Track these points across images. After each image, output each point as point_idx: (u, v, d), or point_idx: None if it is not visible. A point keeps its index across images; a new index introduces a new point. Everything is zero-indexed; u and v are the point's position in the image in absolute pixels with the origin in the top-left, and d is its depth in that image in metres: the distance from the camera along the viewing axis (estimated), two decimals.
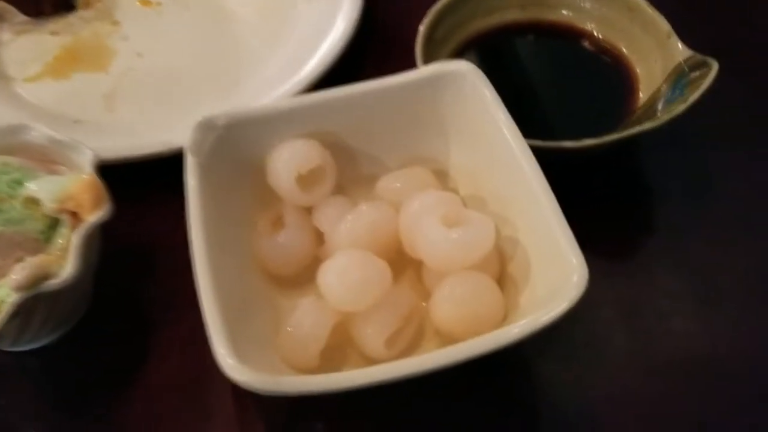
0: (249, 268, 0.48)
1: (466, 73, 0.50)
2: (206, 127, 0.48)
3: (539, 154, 0.46)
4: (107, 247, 0.50)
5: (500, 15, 0.64)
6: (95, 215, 0.46)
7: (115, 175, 0.49)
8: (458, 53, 0.62)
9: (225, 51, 0.70)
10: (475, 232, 0.45)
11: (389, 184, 0.51)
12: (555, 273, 0.42)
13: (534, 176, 0.45)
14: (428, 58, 0.57)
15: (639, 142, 0.59)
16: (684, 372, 0.49)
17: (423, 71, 0.52)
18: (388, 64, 0.67)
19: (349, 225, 0.47)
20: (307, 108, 0.51)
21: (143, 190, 0.58)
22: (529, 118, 0.49)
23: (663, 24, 0.58)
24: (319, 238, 0.49)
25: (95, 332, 0.51)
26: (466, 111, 0.50)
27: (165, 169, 0.52)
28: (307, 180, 0.49)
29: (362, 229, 0.47)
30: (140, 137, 0.61)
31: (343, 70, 0.65)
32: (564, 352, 0.49)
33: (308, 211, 0.50)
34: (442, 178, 0.53)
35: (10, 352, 0.50)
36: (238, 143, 0.49)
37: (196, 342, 0.47)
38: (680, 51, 0.56)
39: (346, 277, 0.44)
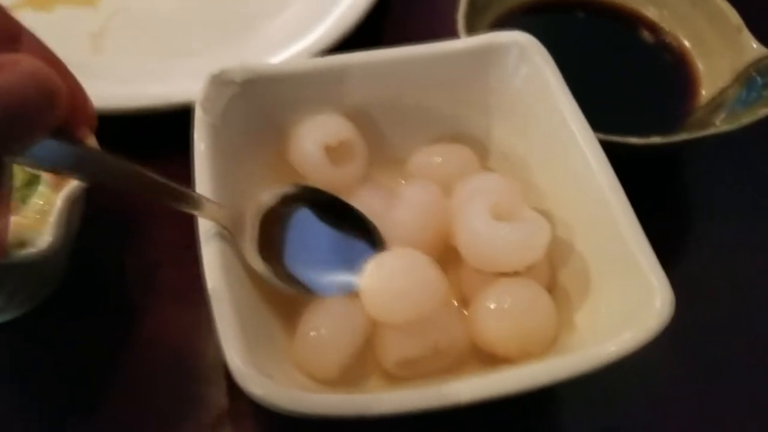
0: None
1: (527, 47, 0.43)
2: (221, 81, 0.41)
3: None
4: (88, 211, 0.43)
5: None
6: None
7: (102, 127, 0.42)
8: (499, 25, 0.55)
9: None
10: (528, 231, 0.38)
11: (427, 159, 0.44)
12: (627, 292, 0.36)
13: (604, 175, 0.39)
14: (468, 27, 0.51)
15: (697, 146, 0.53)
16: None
17: (476, 40, 0.45)
18: (411, 26, 0.61)
19: (402, 214, 0.40)
20: (335, 70, 0.44)
21: (131, 147, 0.50)
22: None
23: (732, 16, 0.52)
24: None
25: (66, 309, 0.45)
26: (521, 90, 0.44)
27: (155, 125, 0.46)
28: (334, 156, 0.42)
29: (415, 218, 0.40)
30: (131, 86, 0.53)
31: (362, 29, 0.57)
32: (602, 391, 0.42)
33: None
34: (482, 159, 0.46)
35: None
36: (255, 104, 0.42)
37: (180, 328, 0.45)
38: (754, 49, 0.50)
39: (397, 282, 0.36)
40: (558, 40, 0.53)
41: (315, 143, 0.41)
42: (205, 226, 0.35)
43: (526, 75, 0.43)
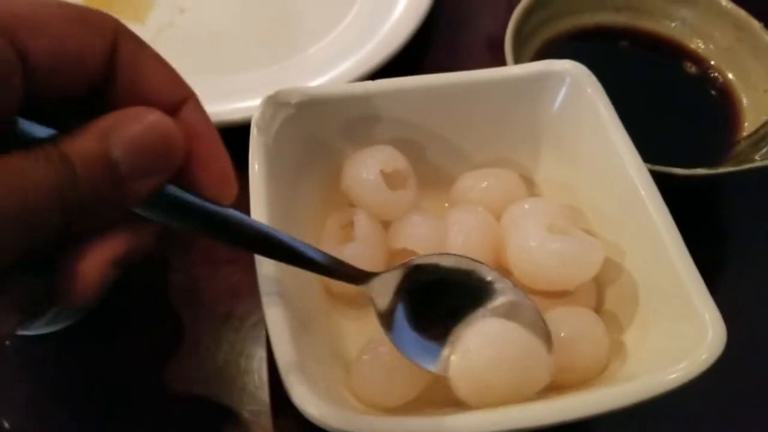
0: (306, 278, 0.40)
1: (579, 76, 0.43)
2: (277, 102, 0.41)
3: None
4: None
5: (591, 15, 0.58)
6: None
7: None
8: (543, 53, 0.56)
9: (280, 18, 0.62)
10: (582, 247, 0.39)
11: (473, 183, 0.45)
12: (677, 323, 0.36)
13: (655, 206, 0.39)
14: (515, 54, 0.51)
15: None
16: None
17: (528, 67, 0.45)
18: (456, 51, 0.62)
19: (455, 239, 0.40)
20: (386, 94, 0.44)
21: None
22: None
23: None
24: (392, 258, 0.42)
25: (109, 321, 0.45)
26: (571, 119, 0.44)
27: None
28: (387, 184, 0.42)
29: (468, 242, 0.40)
30: None
31: (404, 58, 0.58)
32: (638, 423, 0.42)
33: (382, 225, 0.43)
34: (528, 185, 0.46)
35: (16, 337, 0.44)
36: (308, 125, 0.42)
37: (223, 344, 0.45)
38: None
39: (494, 372, 0.34)
40: (602, 69, 0.54)
41: (371, 168, 0.41)
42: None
43: (576, 104, 0.43)
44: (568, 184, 0.45)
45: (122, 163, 0.25)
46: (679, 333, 0.36)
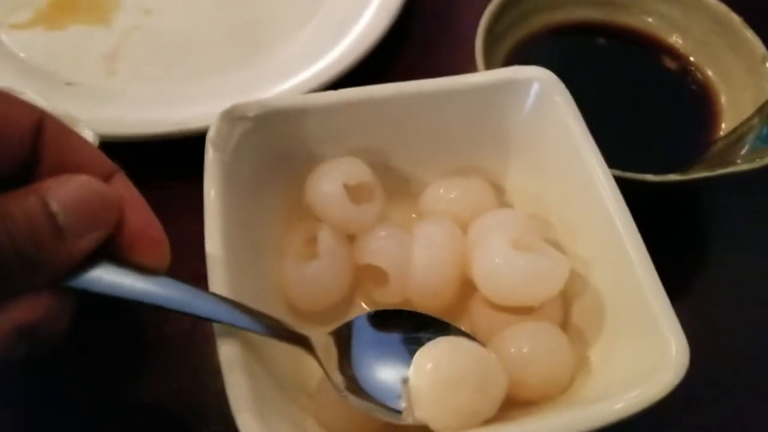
0: (269, 296, 0.39)
1: (546, 83, 0.42)
2: (234, 117, 0.40)
3: None
4: None
5: (567, 12, 0.56)
6: None
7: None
8: (517, 51, 0.54)
9: (248, 19, 0.61)
10: (548, 265, 0.38)
11: (441, 193, 0.44)
12: (642, 340, 0.35)
13: (620, 218, 0.38)
14: (486, 55, 0.50)
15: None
16: None
17: (495, 74, 0.43)
18: (431, 53, 0.60)
19: (421, 255, 0.39)
20: (349, 104, 0.42)
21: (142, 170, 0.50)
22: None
23: (757, 46, 0.51)
24: (358, 272, 0.41)
25: (74, 340, 0.43)
26: (539, 126, 0.43)
27: (171, 146, 0.46)
28: (351, 197, 0.41)
29: (434, 259, 0.39)
30: (144, 111, 0.52)
31: (377, 57, 0.57)
32: None
33: (347, 240, 0.42)
34: (498, 194, 0.45)
35: None
36: (268, 139, 0.41)
37: (185, 363, 0.44)
38: None
39: (451, 394, 0.33)
40: (577, 67, 0.53)
41: (334, 182, 0.40)
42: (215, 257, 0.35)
43: (544, 111, 0.42)
44: (536, 194, 0.44)
45: (61, 215, 0.25)
46: (643, 351, 0.35)
